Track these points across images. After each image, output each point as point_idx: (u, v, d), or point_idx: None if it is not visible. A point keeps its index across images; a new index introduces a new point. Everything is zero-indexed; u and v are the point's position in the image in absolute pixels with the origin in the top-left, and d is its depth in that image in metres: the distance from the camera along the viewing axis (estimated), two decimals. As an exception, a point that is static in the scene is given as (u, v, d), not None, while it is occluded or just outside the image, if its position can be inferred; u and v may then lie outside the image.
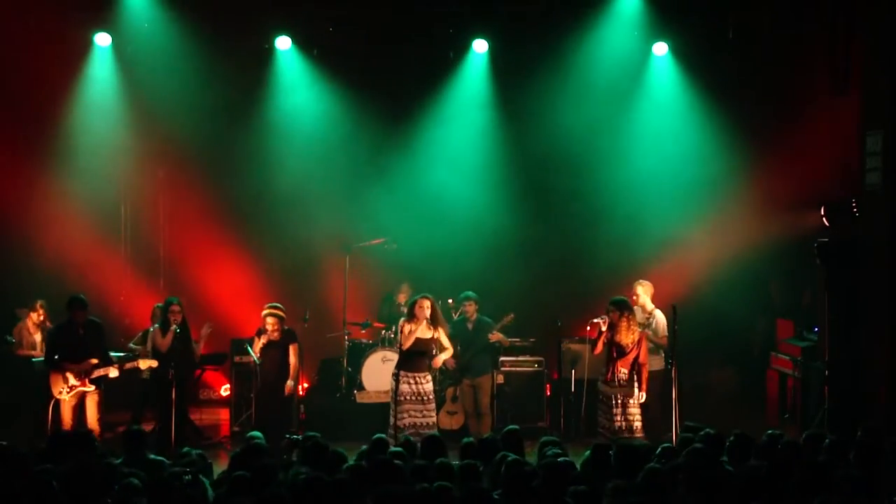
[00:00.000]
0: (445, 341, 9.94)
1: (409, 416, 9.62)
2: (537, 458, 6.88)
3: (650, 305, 10.36)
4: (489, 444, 6.96)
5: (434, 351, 10.06)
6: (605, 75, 12.50)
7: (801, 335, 11.51)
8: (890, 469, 6.13)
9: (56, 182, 12.65)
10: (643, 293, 10.41)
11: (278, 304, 10.27)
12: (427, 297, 9.82)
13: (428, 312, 9.70)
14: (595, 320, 9.54)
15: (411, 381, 9.71)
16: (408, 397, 9.67)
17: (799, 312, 12.02)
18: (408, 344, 9.71)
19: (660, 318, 10.30)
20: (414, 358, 9.76)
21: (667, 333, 10.15)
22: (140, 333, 11.14)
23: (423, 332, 9.73)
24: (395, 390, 9.69)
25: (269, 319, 10.01)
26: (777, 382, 11.84)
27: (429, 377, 9.85)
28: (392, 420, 9.68)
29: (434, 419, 9.80)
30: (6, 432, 9.41)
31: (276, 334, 10.04)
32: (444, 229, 12.81)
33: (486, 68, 12.94)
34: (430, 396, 9.77)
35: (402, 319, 9.92)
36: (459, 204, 12.90)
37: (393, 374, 9.85)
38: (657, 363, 10.07)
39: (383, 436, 7.48)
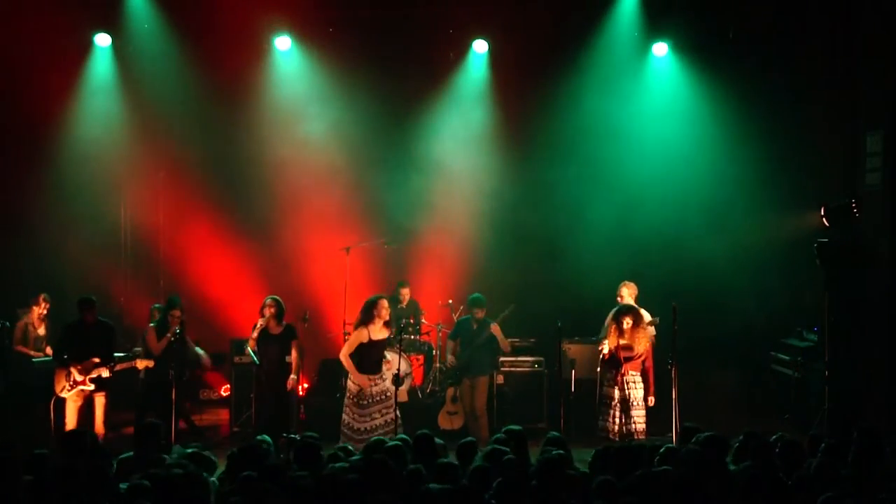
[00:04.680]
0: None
1: (375, 417, 9.52)
2: (540, 455, 6.82)
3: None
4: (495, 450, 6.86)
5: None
6: (605, 76, 12.50)
7: (801, 335, 11.51)
8: (889, 469, 6.12)
9: (56, 182, 12.65)
10: (627, 294, 10.45)
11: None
12: (384, 298, 9.75)
13: (387, 314, 9.63)
14: (606, 322, 9.63)
15: (374, 382, 9.60)
16: (375, 398, 9.56)
17: (799, 312, 12.01)
18: (351, 349, 9.58)
19: (645, 318, 10.35)
20: (378, 361, 9.68)
21: (654, 332, 10.27)
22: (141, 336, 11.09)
23: (380, 333, 9.65)
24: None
25: (268, 301, 9.97)
26: (777, 382, 11.83)
27: (384, 376, 9.71)
28: (354, 425, 9.53)
29: (392, 416, 9.55)
30: (4, 431, 9.44)
31: (275, 326, 10.00)
32: (445, 229, 12.81)
33: (486, 68, 12.95)
34: (388, 394, 9.63)
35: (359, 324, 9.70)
36: (460, 204, 12.91)
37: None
38: None
39: (383, 438, 7.43)
